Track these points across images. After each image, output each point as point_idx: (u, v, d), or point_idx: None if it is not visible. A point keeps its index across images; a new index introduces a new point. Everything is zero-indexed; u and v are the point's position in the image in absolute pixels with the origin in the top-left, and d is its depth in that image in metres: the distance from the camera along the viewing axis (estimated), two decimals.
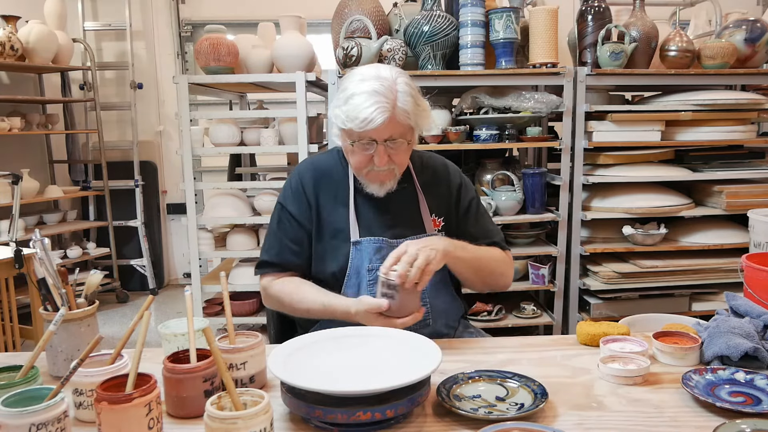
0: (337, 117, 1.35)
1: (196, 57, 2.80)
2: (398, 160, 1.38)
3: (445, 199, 1.52)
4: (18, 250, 2.49)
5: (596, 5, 2.71)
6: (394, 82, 1.32)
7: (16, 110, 3.89)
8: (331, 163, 1.51)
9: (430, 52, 2.63)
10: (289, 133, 2.90)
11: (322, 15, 3.48)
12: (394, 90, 1.31)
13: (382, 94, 1.29)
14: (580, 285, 2.80)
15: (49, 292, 1.17)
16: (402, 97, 1.31)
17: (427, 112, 1.38)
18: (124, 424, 0.86)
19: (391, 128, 1.31)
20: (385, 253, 1.41)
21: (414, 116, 1.33)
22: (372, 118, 1.28)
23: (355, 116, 1.29)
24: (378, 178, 1.40)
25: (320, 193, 1.47)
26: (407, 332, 1.18)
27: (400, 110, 1.31)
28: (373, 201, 1.46)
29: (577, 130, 2.72)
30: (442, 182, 1.53)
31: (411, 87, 1.34)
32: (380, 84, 1.30)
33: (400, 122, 1.32)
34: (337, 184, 1.48)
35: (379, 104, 1.28)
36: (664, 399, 1.05)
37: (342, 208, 1.46)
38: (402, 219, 1.46)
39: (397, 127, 1.32)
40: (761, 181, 2.83)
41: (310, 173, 1.49)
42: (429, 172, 1.53)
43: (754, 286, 1.51)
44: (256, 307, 3.09)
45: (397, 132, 1.33)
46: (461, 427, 0.97)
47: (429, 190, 1.51)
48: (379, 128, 1.29)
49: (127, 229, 4.47)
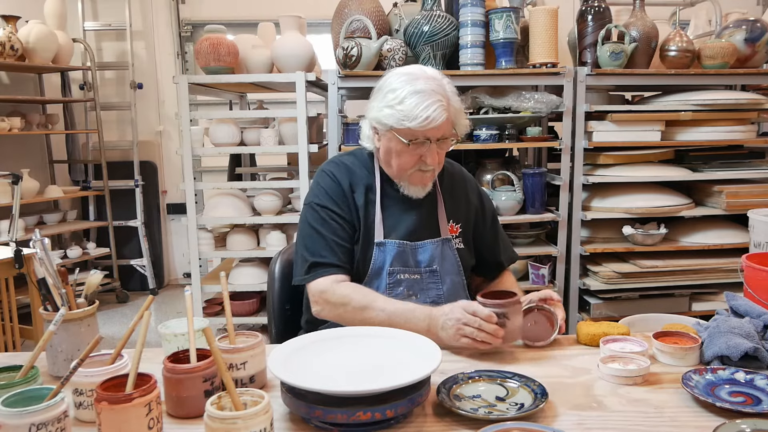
0: (389, 117, 1.34)
1: (196, 57, 2.80)
2: (441, 159, 1.41)
3: (463, 207, 1.53)
4: (18, 250, 2.49)
5: (596, 5, 2.72)
6: (442, 81, 1.36)
7: (16, 110, 3.89)
8: (357, 164, 1.50)
9: (430, 52, 2.63)
10: (289, 133, 2.90)
11: (322, 15, 3.48)
12: (445, 89, 1.35)
13: (439, 93, 1.33)
14: (580, 285, 2.80)
15: (49, 292, 1.17)
16: (452, 96, 1.36)
17: (463, 112, 1.43)
18: (124, 424, 0.86)
19: (445, 127, 1.35)
20: (405, 257, 1.43)
21: (456, 116, 1.39)
22: (434, 117, 1.30)
23: (416, 115, 1.30)
24: (422, 180, 1.41)
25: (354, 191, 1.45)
26: (407, 332, 1.18)
27: (453, 109, 1.36)
28: (397, 203, 1.46)
29: (577, 130, 2.73)
30: (461, 189, 1.55)
31: (454, 89, 1.39)
32: (434, 83, 1.34)
33: (451, 121, 1.36)
34: (364, 183, 1.46)
35: (440, 103, 1.32)
36: (664, 399, 1.05)
37: (369, 210, 1.44)
38: (422, 222, 1.47)
39: (448, 125, 1.36)
40: (761, 181, 2.83)
41: (341, 173, 1.46)
42: (449, 177, 1.55)
43: (754, 286, 1.51)
44: (256, 307, 3.09)
45: (448, 131, 1.37)
46: (461, 427, 0.97)
47: (448, 196, 1.52)
48: (439, 127, 1.32)
49: (127, 229, 4.47)
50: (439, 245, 1.46)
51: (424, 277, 1.44)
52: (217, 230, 3.14)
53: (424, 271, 1.44)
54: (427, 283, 1.44)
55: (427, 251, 1.45)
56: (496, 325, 1.19)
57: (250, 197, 3.10)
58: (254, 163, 3.93)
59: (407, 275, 1.42)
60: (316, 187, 1.47)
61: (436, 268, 1.45)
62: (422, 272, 1.44)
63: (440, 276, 1.45)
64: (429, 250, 1.44)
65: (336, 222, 1.42)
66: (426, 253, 1.45)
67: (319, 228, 1.41)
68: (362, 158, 1.51)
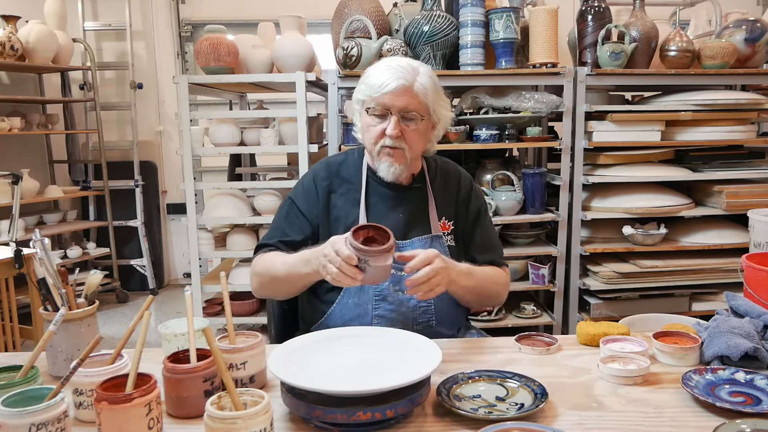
0: (359, 92, 1.41)
1: (196, 57, 2.80)
2: (410, 139, 1.39)
3: (455, 204, 1.53)
4: (18, 250, 2.49)
5: (596, 5, 2.71)
6: (418, 68, 1.39)
7: (16, 110, 3.89)
8: (348, 161, 1.52)
9: (430, 52, 2.63)
10: (289, 133, 2.90)
11: (322, 15, 3.48)
12: (415, 69, 1.37)
13: (402, 68, 1.36)
14: (580, 285, 2.80)
15: (49, 292, 1.17)
16: (422, 77, 1.37)
17: (447, 103, 1.43)
18: (124, 424, 0.86)
19: (407, 99, 1.35)
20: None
21: (433, 99, 1.38)
22: (388, 82, 1.33)
23: (372, 83, 1.36)
24: (389, 155, 1.40)
25: (334, 191, 1.49)
26: (407, 332, 1.18)
27: (419, 84, 1.35)
28: (384, 199, 1.47)
29: (577, 130, 2.72)
30: (454, 187, 1.54)
31: (433, 76, 1.40)
32: (406, 64, 1.37)
33: (417, 96, 1.36)
34: (351, 182, 1.49)
35: (397, 72, 1.34)
36: (664, 399, 1.05)
37: (354, 205, 1.46)
38: (411, 219, 1.47)
39: (413, 100, 1.36)
40: (761, 181, 2.83)
41: (324, 173, 1.51)
42: (442, 175, 1.55)
43: (754, 286, 1.51)
44: (256, 307, 3.09)
45: (413, 105, 1.36)
46: (461, 427, 0.97)
47: (440, 194, 1.52)
48: (394, 93, 1.33)
49: (127, 229, 4.46)
50: (428, 242, 1.45)
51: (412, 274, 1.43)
52: (217, 230, 3.13)
53: None
54: None
55: (414, 248, 1.42)
56: (355, 267, 1.18)
57: (250, 197, 3.10)
58: (254, 163, 3.92)
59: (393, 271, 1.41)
60: (298, 184, 1.55)
61: None
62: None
63: None
64: (416, 247, 1.42)
65: (297, 217, 1.48)
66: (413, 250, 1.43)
67: (281, 219, 1.51)
68: (353, 157, 1.53)
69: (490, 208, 2.71)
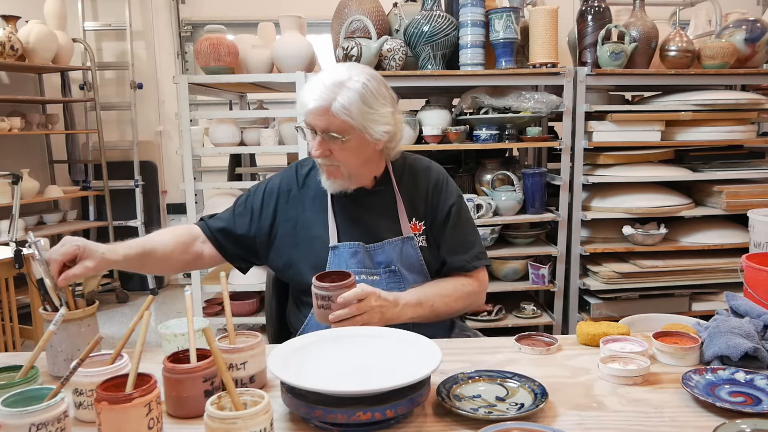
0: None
1: (196, 57, 2.80)
2: (340, 157, 1.34)
3: (424, 203, 1.48)
4: (18, 250, 2.49)
5: (596, 5, 2.72)
6: (347, 79, 1.30)
7: (16, 110, 3.89)
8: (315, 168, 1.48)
9: (430, 52, 2.63)
10: (289, 133, 2.90)
11: (322, 15, 3.48)
12: (341, 85, 1.29)
13: (325, 86, 1.29)
14: (580, 285, 2.80)
15: (48, 293, 1.17)
16: (347, 93, 1.28)
17: (378, 117, 1.32)
18: (124, 424, 0.86)
19: (327, 120, 1.30)
20: (360, 257, 1.40)
21: (359, 116, 1.29)
22: (307, 102, 1.30)
23: (299, 100, 1.34)
24: (325, 171, 1.39)
25: (301, 197, 1.48)
26: (407, 332, 1.18)
27: (338, 105, 1.28)
28: (350, 205, 1.44)
29: (577, 130, 2.73)
30: (422, 185, 1.49)
31: (367, 90, 1.30)
32: (329, 77, 1.31)
33: (337, 117, 1.29)
34: (317, 190, 1.46)
35: (316, 93, 1.30)
36: (664, 399, 1.05)
37: (321, 214, 1.45)
38: (379, 222, 1.44)
39: (334, 121, 1.30)
40: (761, 181, 2.83)
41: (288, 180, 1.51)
42: (410, 175, 1.50)
43: (754, 286, 1.51)
44: (256, 307, 3.09)
45: (334, 126, 1.30)
46: (461, 427, 0.97)
47: (409, 194, 1.47)
48: (314, 113, 1.30)
49: (127, 229, 4.46)
50: (399, 244, 1.43)
51: (384, 277, 1.41)
52: None
53: (383, 272, 1.41)
54: (388, 283, 1.41)
55: (384, 252, 1.42)
56: (320, 308, 1.23)
57: None
58: (254, 163, 3.92)
59: (364, 276, 1.40)
60: (263, 181, 1.55)
61: (395, 268, 1.42)
62: (381, 273, 1.41)
63: (401, 275, 1.42)
64: (387, 251, 1.41)
65: (243, 210, 1.50)
66: (384, 254, 1.42)
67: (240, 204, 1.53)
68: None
69: (490, 208, 2.71)
